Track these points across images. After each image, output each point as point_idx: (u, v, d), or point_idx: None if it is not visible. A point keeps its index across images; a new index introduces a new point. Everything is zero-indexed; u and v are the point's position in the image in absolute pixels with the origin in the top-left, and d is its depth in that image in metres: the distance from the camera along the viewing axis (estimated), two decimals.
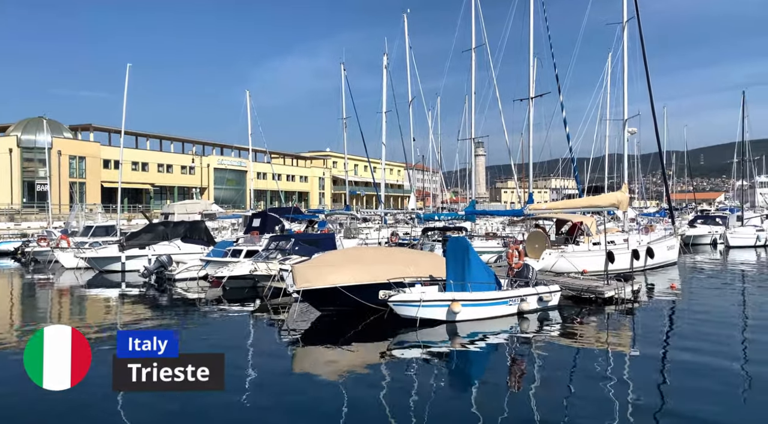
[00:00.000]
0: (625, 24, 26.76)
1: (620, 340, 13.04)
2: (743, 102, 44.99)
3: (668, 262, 26.23)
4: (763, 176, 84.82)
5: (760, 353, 11.52)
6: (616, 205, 24.47)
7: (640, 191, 67.36)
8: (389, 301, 13.77)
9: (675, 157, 69.59)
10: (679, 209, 59.12)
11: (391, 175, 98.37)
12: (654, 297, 18.53)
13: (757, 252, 33.79)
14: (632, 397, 8.84)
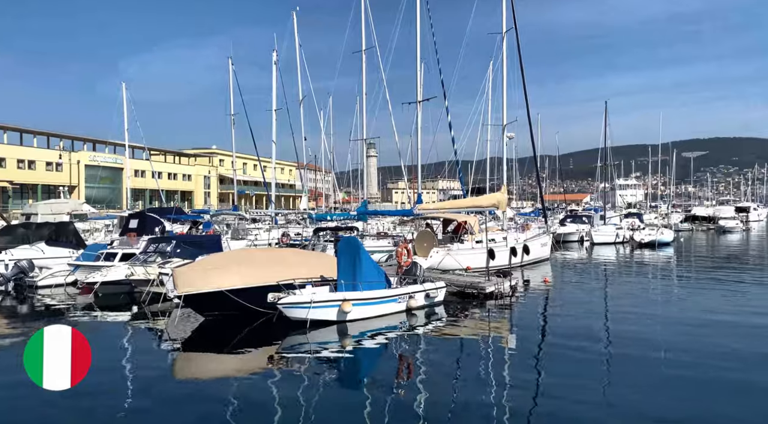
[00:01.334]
0: (504, 34, 28.51)
1: (500, 332, 13.82)
2: (605, 112, 49.80)
3: (542, 258, 28.33)
4: (621, 179, 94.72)
5: (620, 339, 12.79)
6: (497, 205, 25.98)
7: (518, 192, 72.24)
8: (278, 303, 13.46)
9: (548, 161, 75.51)
10: (552, 209, 64.17)
11: (283, 174, 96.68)
12: (530, 291, 19.90)
13: (617, 248, 37.57)
14: (510, 385, 9.41)
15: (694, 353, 11.23)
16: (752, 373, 9.97)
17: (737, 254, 35.35)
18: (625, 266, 28.20)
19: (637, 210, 61.49)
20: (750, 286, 20.83)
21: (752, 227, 64.87)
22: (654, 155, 73.39)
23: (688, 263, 29.88)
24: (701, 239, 48.38)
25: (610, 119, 49.41)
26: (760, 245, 41.86)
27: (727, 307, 16.38)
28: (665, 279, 23.60)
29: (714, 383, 9.46)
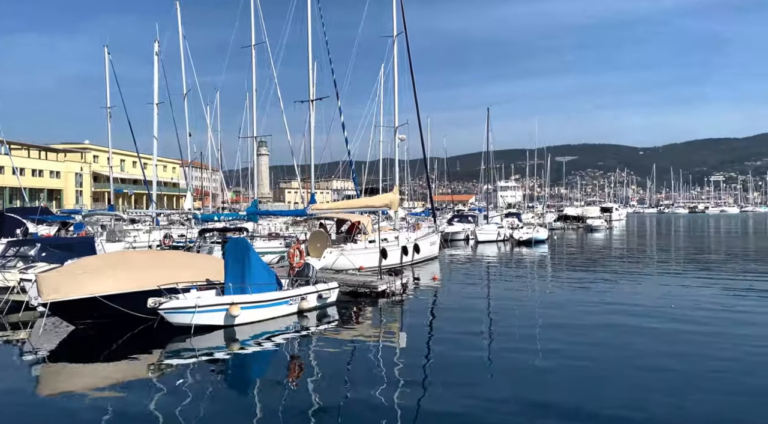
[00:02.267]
0: (395, 38, 29.14)
1: (391, 330, 14.05)
2: (488, 118, 52.77)
3: (431, 256, 29.32)
4: (503, 182, 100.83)
5: (504, 333, 13.56)
6: (389, 205, 26.46)
7: (409, 193, 74.23)
8: (159, 309, 12.63)
9: (437, 163, 78.47)
10: (440, 209, 66.66)
11: (165, 172, 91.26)
12: (420, 288, 20.48)
13: (498, 246, 39.90)
14: (400, 383, 9.58)
15: (565, 343, 12.18)
16: (616, 361, 11.01)
17: (602, 250, 39.05)
18: (506, 263, 30.00)
19: (517, 210, 65.85)
20: (616, 278, 23.06)
21: (615, 226, 71.99)
22: (531, 159, 79.10)
23: (560, 258, 32.49)
24: (572, 236, 52.82)
25: (492, 125, 52.43)
26: (621, 242, 46.57)
27: (593, 297, 18.01)
28: (541, 274, 25.42)
29: (587, 372, 10.30)
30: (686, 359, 10.81)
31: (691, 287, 20.24)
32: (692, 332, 12.98)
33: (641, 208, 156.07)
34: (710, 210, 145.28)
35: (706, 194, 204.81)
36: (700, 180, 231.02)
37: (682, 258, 32.18)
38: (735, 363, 10.49)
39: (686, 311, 15.56)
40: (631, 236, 55.83)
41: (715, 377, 9.69)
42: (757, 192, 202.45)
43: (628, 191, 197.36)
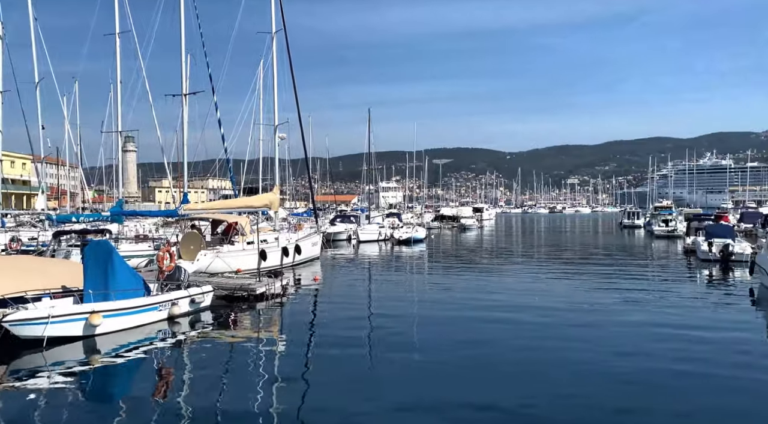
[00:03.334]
0: (274, 35, 28.54)
1: (270, 334, 13.72)
2: (369, 119, 53.69)
3: (313, 257, 29.14)
4: (384, 182, 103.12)
5: (384, 332, 13.83)
6: (269, 205, 25.84)
7: (291, 193, 73.14)
8: (4, 321, 11.19)
9: (320, 163, 78.26)
10: (323, 210, 66.50)
11: (13, 168, 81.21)
12: (301, 290, 20.26)
13: (380, 245, 40.73)
14: (280, 387, 9.37)
15: (441, 338, 12.73)
16: (488, 353, 11.71)
17: (474, 247, 41.43)
18: (387, 262, 30.70)
19: (397, 210, 67.71)
20: (487, 274, 24.58)
21: (485, 225, 76.77)
22: (411, 161, 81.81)
23: (437, 256, 33.95)
24: (447, 235, 55.43)
25: (374, 126, 53.41)
26: (491, 240, 49.75)
27: (467, 293, 19.02)
28: (419, 272, 26.37)
29: (464, 363, 10.82)
30: (549, 347, 11.78)
31: (552, 280, 22.16)
32: (554, 324, 14.20)
33: (508, 209, 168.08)
34: (567, 210, 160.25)
35: (564, 196, 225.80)
36: (559, 183, 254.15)
37: (544, 254, 35.15)
38: (596, 350, 11.64)
39: (548, 302, 17.02)
40: (500, 234, 59.91)
41: (580, 363, 10.67)
42: (606, 194, 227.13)
43: (497, 193, 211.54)
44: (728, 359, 10.85)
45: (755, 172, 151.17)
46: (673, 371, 9.98)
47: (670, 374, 9.81)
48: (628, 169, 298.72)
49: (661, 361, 10.59)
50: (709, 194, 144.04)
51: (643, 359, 10.75)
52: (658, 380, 9.43)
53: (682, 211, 63.83)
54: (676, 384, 9.31)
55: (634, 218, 67.02)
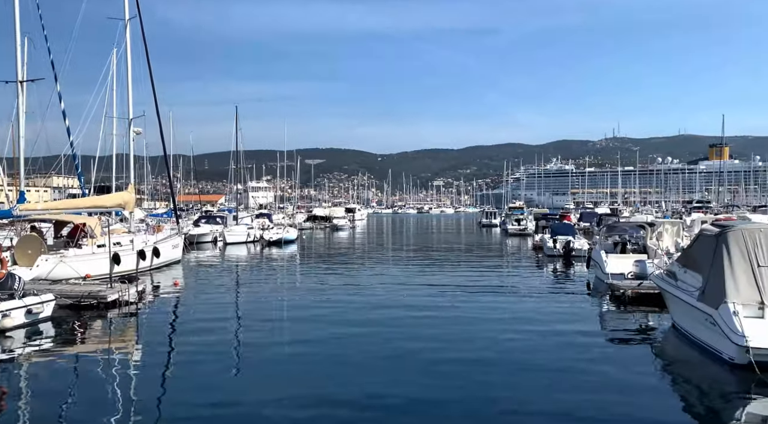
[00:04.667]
0: (127, 22, 26.34)
1: (124, 344, 12.64)
2: (236, 116, 51.67)
3: (173, 260, 27.43)
4: (254, 182, 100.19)
5: (248, 334, 13.39)
6: (123, 205, 23.86)
7: (150, 192, 68.19)
8: None
9: (182, 161, 73.78)
10: (186, 210, 62.90)
11: None
12: (159, 295, 18.94)
13: (248, 247, 39.49)
14: (134, 399, 8.66)
15: (314, 338, 12.64)
16: (359, 349, 11.84)
17: (347, 247, 41.85)
18: (256, 264, 29.84)
19: (268, 211, 66.19)
20: (359, 272, 24.88)
21: (357, 225, 77.97)
22: (282, 161, 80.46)
23: (309, 257, 33.76)
24: (320, 235, 55.39)
25: (243, 124, 51.63)
26: (362, 240, 50.61)
27: (339, 292, 19.12)
28: (290, 273, 25.99)
29: (329, 361, 10.80)
30: (423, 341, 12.23)
31: (420, 276, 23.08)
32: (424, 317, 14.78)
33: (380, 209, 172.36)
34: (433, 210, 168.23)
35: (431, 197, 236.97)
36: (426, 184, 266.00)
37: (412, 251, 36.53)
38: (463, 341, 12.29)
39: (417, 298, 17.71)
40: (372, 233, 61.22)
41: (448, 354, 11.18)
42: (467, 195, 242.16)
43: (369, 194, 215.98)
44: (564, 347, 12.09)
45: (592, 176, 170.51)
46: (520, 358, 10.90)
47: (514, 360, 10.70)
48: (486, 172, 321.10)
49: (506, 347, 11.52)
50: (555, 196, 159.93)
51: (488, 347, 11.61)
52: (509, 362, 10.25)
53: (532, 211, 70.11)
54: (521, 368, 10.19)
55: (491, 217, 72.23)
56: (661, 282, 14.08)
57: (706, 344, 10.82)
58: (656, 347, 12.34)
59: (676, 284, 12.90)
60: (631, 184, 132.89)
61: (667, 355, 11.81)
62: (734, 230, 11.22)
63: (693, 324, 11.61)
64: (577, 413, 8.07)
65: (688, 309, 11.79)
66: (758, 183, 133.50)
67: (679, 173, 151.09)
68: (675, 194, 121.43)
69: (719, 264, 10.83)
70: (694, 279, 11.99)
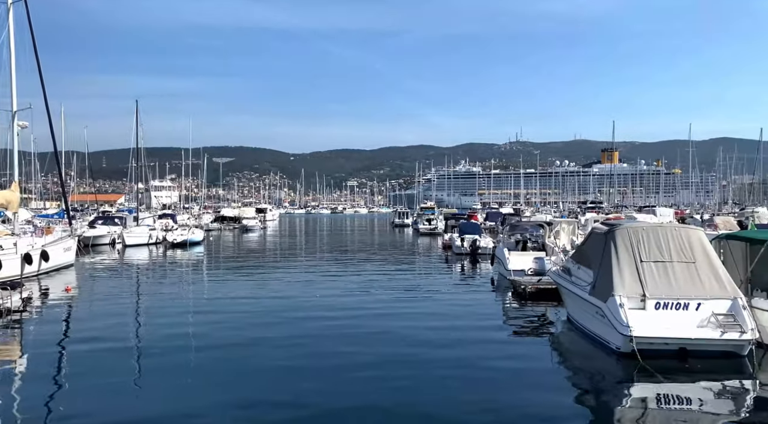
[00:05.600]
0: (10, 5, 23.98)
1: (8, 356, 11.48)
2: (137, 111, 48.73)
3: (65, 264, 25.46)
4: (157, 181, 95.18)
5: (146, 340, 12.65)
6: (5, 205, 21.84)
7: (39, 191, 62.78)
8: None
9: (76, 158, 68.46)
10: (81, 211, 58.62)
11: None
12: (48, 302, 17.45)
13: (150, 249, 37.42)
14: (18, 416, 7.87)
15: (217, 342, 12.17)
16: (264, 351, 11.54)
17: (257, 248, 40.83)
18: (158, 267, 28.33)
19: (172, 211, 63.13)
20: (269, 274, 24.32)
21: (269, 226, 76.37)
22: (187, 159, 77.00)
23: (216, 259, 32.55)
24: (228, 237, 53.63)
25: (145, 120, 48.83)
26: (274, 240, 49.61)
27: (248, 293, 18.58)
28: (195, 276, 24.92)
29: (238, 365, 10.44)
30: (333, 341, 12.14)
31: (333, 276, 22.98)
32: (336, 317, 14.70)
33: (292, 209, 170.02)
34: (347, 211, 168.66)
35: (345, 197, 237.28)
36: (340, 185, 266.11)
37: (325, 252, 36.33)
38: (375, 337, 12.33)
39: (330, 299, 17.61)
40: (284, 234, 60.19)
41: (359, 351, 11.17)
42: (380, 196, 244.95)
43: (281, 193, 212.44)
44: (467, 342, 12.55)
45: (497, 178, 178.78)
46: (431, 352, 11.18)
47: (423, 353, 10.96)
48: (400, 173, 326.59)
49: (410, 343, 11.77)
50: (463, 197, 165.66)
51: (392, 343, 11.81)
52: (416, 357, 10.47)
53: (442, 211, 72.27)
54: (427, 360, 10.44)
55: (404, 217, 73.60)
56: (557, 277, 15.00)
57: (597, 335, 11.65)
58: (552, 340, 13.11)
59: (570, 279, 13.78)
60: (532, 185, 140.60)
61: (562, 347, 12.59)
62: (620, 229, 12.17)
63: (585, 317, 12.46)
64: (470, 406, 8.34)
65: (580, 303, 12.64)
66: (643, 185, 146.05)
67: (575, 176, 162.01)
68: (571, 195, 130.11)
69: (608, 260, 11.70)
70: (586, 274, 12.87)
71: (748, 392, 9.21)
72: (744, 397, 9.01)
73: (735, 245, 13.07)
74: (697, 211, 72.01)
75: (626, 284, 11.11)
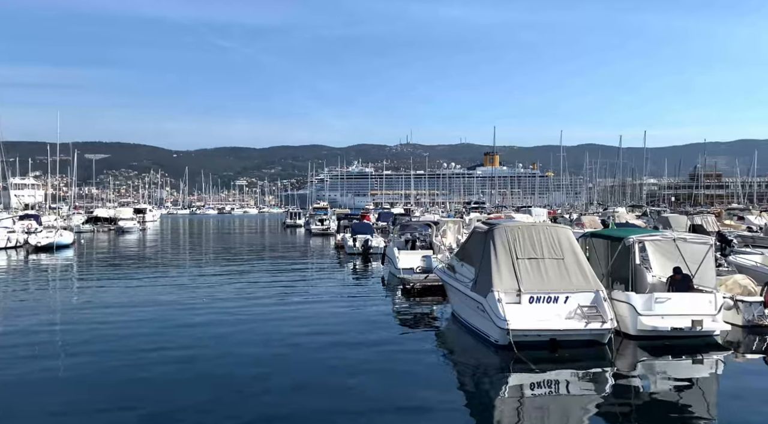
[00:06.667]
0: None
1: None
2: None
3: None
4: (17, 178, 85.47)
5: (5, 362, 11.30)
6: None
7: None
8: None
9: None
10: None
11: None
12: None
13: (8, 253, 33.54)
14: None
15: (96, 349, 11.14)
16: (144, 356, 10.74)
17: (135, 251, 38.05)
18: (18, 274, 25.38)
19: (36, 211, 57.16)
20: (150, 278, 22.69)
21: (149, 227, 71.66)
22: (54, 154, 69.87)
23: (89, 263, 29.86)
24: (102, 239, 49.51)
25: (2, 111, 43.58)
26: (155, 243, 46.56)
27: (125, 299, 17.19)
28: (63, 282, 22.69)
29: (117, 373, 9.60)
30: (216, 342, 11.56)
31: (221, 280, 22.00)
32: (221, 322, 14.05)
33: (175, 210, 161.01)
34: (236, 211, 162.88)
35: (233, 197, 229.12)
36: (228, 184, 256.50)
37: (211, 254, 34.76)
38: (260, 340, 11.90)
39: (215, 302, 16.89)
40: (165, 236, 56.76)
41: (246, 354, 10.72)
42: (272, 196, 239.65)
43: (163, 193, 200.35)
44: (356, 342, 12.64)
45: (389, 179, 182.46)
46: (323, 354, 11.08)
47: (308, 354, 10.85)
48: (292, 173, 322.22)
49: (298, 344, 11.63)
50: (356, 197, 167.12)
51: (280, 344, 11.62)
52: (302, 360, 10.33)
53: (335, 211, 72.26)
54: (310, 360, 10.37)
55: (296, 218, 72.55)
56: (442, 275, 15.57)
57: (478, 330, 12.24)
58: (437, 335, 13.57)
59: (454, 276, 14.37)
60: (422, 186, 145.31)
61: (446, 342, 13.07)
62: (498, 228, 12.90)
63: (467, 312, 13.04)
64: (352, 404, 8.43)
65: (463, 298, 13.22)
66: (521, 187, 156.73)
67: (460, 177, 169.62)
68: (458, 196, 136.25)
69: (488, 257, 12.34)
70: (469, 271, 13.48)
71: (607, 376, 10.15)
72: (604, 381, 9.92)
73: (598, 243, 14.41)
74: (567, 211, 78.56)
75: (504, 279, 11.78)
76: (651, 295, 12.17)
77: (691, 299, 12.08)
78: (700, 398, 9.28)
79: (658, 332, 11.72)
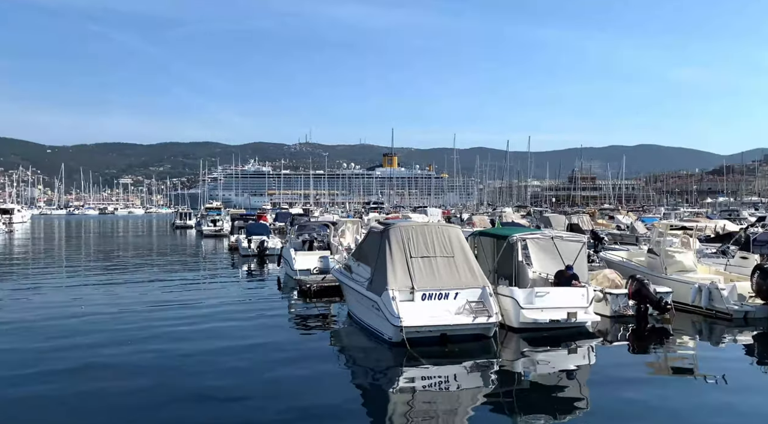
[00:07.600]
0: None
1: None
2: None
3: None
4: None
5: None
6: None
7: None
8: None
9: None
10: None
11: None
12: None
13: None
14: None
15: None
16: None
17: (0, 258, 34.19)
18: None
19: None
20: (20, 287, 20.45)
21: (17, 229, 64.82)
22: None
23: None
24: None
25: None
26: (24, 247, 42.14)
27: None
28: None
29: None
30: (94, 351, 10.66)
31: (101, 287, 20.37)
32: (101, 330, 12.99)
33: (49, 210, 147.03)
34: (120, 211, 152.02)
35: (117, 196, 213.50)
36: (111, 182, 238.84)
37: (91, 259, 32.11)
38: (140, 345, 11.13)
39: (95, 308, 15.67)
40: (37, 239, 51.61)
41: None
42: (160, 195, 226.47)
43: (34, 192, 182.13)
44: (248, 347, 12.32)
45: (288, 179, 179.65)
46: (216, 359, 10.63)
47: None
48: (182, 171, 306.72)
49: (186, 353, 11.11)
50: (253, 197, 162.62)
51: (163, 353, 11.05)
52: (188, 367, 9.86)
53: (229, 211, 69.75)
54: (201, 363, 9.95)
55: (186, 218, 69.09)
56: (339, 275, 15.60)
57: (374, 328, 12.41)
58: (333, 335, 13.57)
59: (351, 276, 14.45)
60: (321, 186, 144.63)
61: (342, 341, 13.11)
62: (394, 228, 13.17)
63: (363, 311, 13.18)
64: (247, 413, 8.18)
65: (359, 298, 13.33)
66: (418, 187, 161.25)
67: (360, 178, 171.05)
68: (357, 196, 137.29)
69: (383, 257, 12.55)
70: (365, 271, 13.63)
71: (493, 367, 10.72)
72: (490, 372, 10.47)
73: (485, 241, 15.19)
74: (459, 211, 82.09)
75: (398, 278, 12.05)
76: (532, 290, 13.05)
77: (567, 292, 13.12)
78: (575, 382, 10.09)
79: (538, 324, 12.60)
